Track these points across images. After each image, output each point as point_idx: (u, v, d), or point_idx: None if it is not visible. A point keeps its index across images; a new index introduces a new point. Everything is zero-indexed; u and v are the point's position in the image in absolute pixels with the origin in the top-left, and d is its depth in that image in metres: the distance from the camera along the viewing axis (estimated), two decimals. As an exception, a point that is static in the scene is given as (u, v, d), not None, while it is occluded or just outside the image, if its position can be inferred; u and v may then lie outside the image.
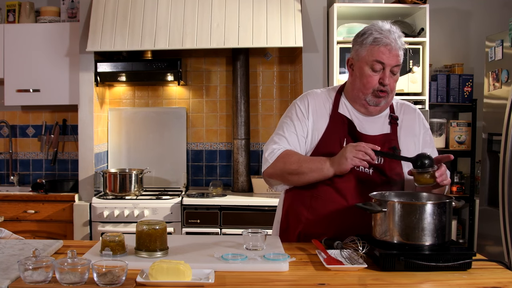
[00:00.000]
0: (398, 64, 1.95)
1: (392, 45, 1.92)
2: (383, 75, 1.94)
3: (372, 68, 1.95)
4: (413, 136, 2.07)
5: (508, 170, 3.07)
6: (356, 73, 2.00)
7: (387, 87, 1.95)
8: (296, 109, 2.07)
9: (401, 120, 2.08)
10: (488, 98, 3.46)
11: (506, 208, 3.07)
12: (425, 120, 2.16)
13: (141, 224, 1.71)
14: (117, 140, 4.20)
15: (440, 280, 1.53)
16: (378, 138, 2.01)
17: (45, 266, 1.44)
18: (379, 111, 2.04)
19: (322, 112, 2.05)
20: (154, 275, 1.46)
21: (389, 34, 1.93)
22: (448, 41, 4.18)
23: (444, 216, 1.65)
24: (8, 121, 4.28)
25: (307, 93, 2.13)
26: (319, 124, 2.03)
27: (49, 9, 4.01)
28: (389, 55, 1.92)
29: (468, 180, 3.92)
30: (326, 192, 1.97)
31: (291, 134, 2.04)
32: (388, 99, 2.00)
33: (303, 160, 1.96)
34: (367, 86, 1.96)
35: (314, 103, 2.07)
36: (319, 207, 1.99)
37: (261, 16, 3.60)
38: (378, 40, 1.93)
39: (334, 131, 2.01)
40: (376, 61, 1.93)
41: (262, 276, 1.56)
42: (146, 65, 3.80)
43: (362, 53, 1.97)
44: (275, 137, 2.07)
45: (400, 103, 2.15)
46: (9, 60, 3.89)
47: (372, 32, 1.96)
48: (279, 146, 2.02)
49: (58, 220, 3.69)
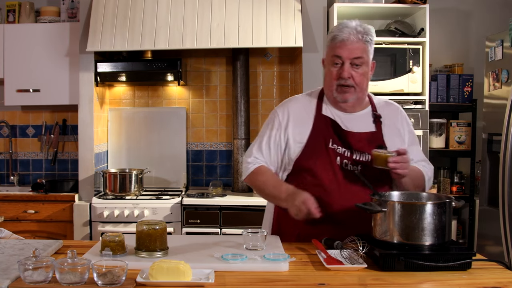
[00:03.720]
0: (357, 57, 1.98)
1: (349, 39, 1.97)
2: (342, 68, 1.98)
3: (333, 64, 2.00)
4: (398, 134, 2.10)
5: (508, 170, 3.07)
6: (325, 72, 2.08)
7: (350, 81, 1.98)
8: (275, 118, 2.12)
9: (384, 118, 2.10)
10: (488, 98, 3.46)
11: (506, 208, 3.07)
12: (408, 118, 2.18)
13: (141, 224, 1.71)
14: (117, 140, 4.20)
15: (440, 280, 1.53)
16: (364, 135, 2.04)
17: (45, 266, 1.44)
18: (352, 107, 2.06)
19: (304, 117, 2.08)
20: (154, 275, 1.46)
21: (347, 29, 1.99)
22: (448, 41, 4.18)
23: (444, 216, 1.65)
24: (8, 121, 4.28)
25: (287, 100, 2.18)
26: (302, 129, 2.06)
27: (49, 9, 4.01)
28: (345, 48, 1.97)
29: (468, 180, 3.92)
30: (315, 193, 1.97)
31: (268, 145, 2.10)
32: (358, 94, 2.03)
33: (267, 184, 2.04)
34: (330, 82, 2.02)
35: (294, 109, 2.11)
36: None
37: (261, 16, 3.60)
38: (335, 37, 2.00)
39: (319, 133, 2.04)
40: (334, 55, 2.00)
41: (262, 276, 1.56)
42: (146, 65, 3.80)
43: (326, 52, 2.07)
44: (254, 148, 2.13)
45: (383, 101, 2.19)
46: (9, 60, 3.89)
47: (333, 31, 2.03)
48: (255, 161, 2.10)
49: (58, 220, 3.69)
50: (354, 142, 2.01)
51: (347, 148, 2.01)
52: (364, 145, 2.01)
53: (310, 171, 2.02)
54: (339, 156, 2.01)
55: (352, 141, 2.01)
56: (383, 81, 3.54)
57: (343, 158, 2.01)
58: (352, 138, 2.01)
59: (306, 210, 1.86)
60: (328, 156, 2.00)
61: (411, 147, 2.10)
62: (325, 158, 2.00)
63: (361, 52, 1.98)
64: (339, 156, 2.01)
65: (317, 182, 1.99)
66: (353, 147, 2.01)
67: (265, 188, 2.06)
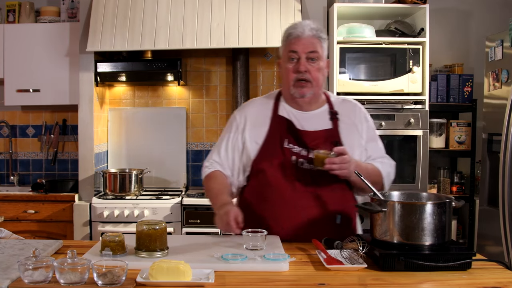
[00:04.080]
0: (312, 51, 2.01)
1: (303, 34, 2.02)
2: (298, 63, 2.02)
3: (289, 60, 2.04)
4: (355, 131, 2.11)
5: (508, 170, 3.07)
6: (282, 72, 2.10)
7: (307, 75, 2.02)
8: (233, 121, 2.18)
9: (341, 115, 2.12)
10: (488, 98, 3.46)
11: (506, 208, 3.07)
12: (368, 115, 2.19)
13: (141, 224, 1.71)
14: (117, 140, 4.20)
15: (440, 280, 1.53)
16: (320, 133, 2.05)
17: (45, 266, 1.44)
18: (308, 103, 2.08)
19: (261, 119, 2.12)
20: (154, 275, 1.46)
21: (301, 26, 2.04)
22: (448, 41, 4.18)
23: (444, 216, 1.65)
24: (8, 121, 4.28)
25: (245, 103, 2.24)
26: (258, 131, 2.10)
27: (49, 9, 4.01)
28: (300, 43, 2.02)
29: (468, 180, 3.92)
30: (276, 194, 2.01)
31: (226, 149, 2.15)
32: (314, 90, 2.05)
33: (212, 191, 2.09)
34: (288, 78, 2.05)
35: (251, 112, 2.16)
36: (268, 207, 2.03)
37: (261, 16, 3.60)
38: (290, 34, 2.05)
39: (275, 133, 2.07)
40: (290, 51, 2.03)
41: (262, 276, 1.56)
42: (146, 65, 3.80)
43: (282, 51, 2.10)
44: (213, 152, 2.19)
45: (340, 99, 2.21)
46: (9, 60, 3.89)
47: (287, 30, 2.08)
48: (211, 165, 2.16)
49: (58, 220, 3.69)
50: (309, 140, 2.03)
51: (303, 147, 2.03)
52: (320, 143, 2.03)
53: (265, 171, 2.04)
54: (295, 155, 2.03)
55: (307, 140, 2.03)
56: (383, 81, 3.54)
57: (299, 157, 2.03)
58: (307, 137, 2.04)
59: (226, 223, 1.87)
60: (283, 156, 2.03)
61: (370, 144, 2.12)
62: (280, 158, 2.03)
63: (316, 46, 2.02)
64: (294, 155, 2.03)
65: (271, 182, 2.02)
66: (309, 146, 2.03)
67: (209, 194, 2.12)
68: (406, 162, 3.64)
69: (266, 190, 2.03)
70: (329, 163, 1.86)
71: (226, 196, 2.03)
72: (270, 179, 2.03)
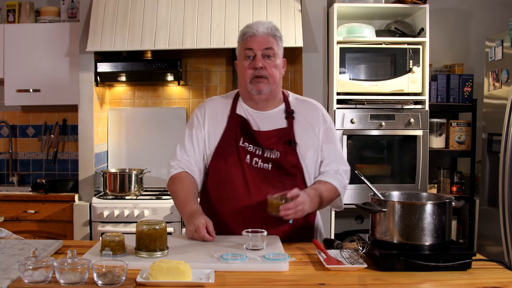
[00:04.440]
0: (268, 47, 2.03)
1: (258, 32, 2.03)
2: (254, 60, 2.03)
3: (245, 58, 2.05)
4: (311, 130, 2.11)
5: (508, 170, 3.07)
6: (239, 71, 2.11)
7: (264, 71, 2.03)
8: (194, 118, 2.20)
9: (298, 114, 2.12)
10: (488, 98, 3.46)
11: (506, 208, 3.07)
12: (328, 116, 2.19)
13: (141, 224, 1.71)
14: (117, 140, 4.20)
15: (440, 280, 1.53)
16: (274, 133, 2.07)
17: (45, 266, 1.44)
18: (265, 101, 2.09)
19: (219, 117, 2.14)
20: (154, 275, 1.46)
21: (256, 25, 2.05)
22: (448, 41, 4.18)
23: (444, 216, 1.65)
24: (8, 121, 4.28)
25: (205, 101, 2.25)
26: (216, 128, 2.12)
27: (49, 9, 4.01)
28: (255, 41, 2.03)
29: (468, 180, 3.92)
30: (230, 193, 2.04)
31: (191, 143, 2.15)
32: (271, 86, 2.06)
33: (177, 196, 2.08)
34: (245, 75, 2.06)
35: (210, 109, 2.17)
36: (224, 205, 2.05)
37: (261, 16, 3.60)
38: (246, 32, 2.06)
39: (231, 132, 2.09)
40: (246, 49, 2.04)
41: (262, 276, 1.56)
42: (146, 65, 3.80)
43: (238, 50, 2.11)
44: (178, 148, 2.20)
45: (299, 99, 2.21)
46: (9, 60, 3.89)
47: (242, 29, 2.09)
48: (177, 164, 2.15)
49: (58, 220, 3.69)
50: (263, 140, 2.05)
51: (258, 146, 2.05)
52: (274, 142, 2.04)
53: (221, 169, 2.07)
54: (249, 154, 2.05)
55: (261, 140, 2.05)
56: (383, 81, 3.54)
57: (253, 156, 2.04)
58: (261, 136, 2.05)
59: (199, 237, 1.88)
60: (238, 155, 2.05)
61: (326, 146, 2.12)
62: (235, 157, 2.05)
63: (271, 44, 2.04)
64: (249, 154, 2.04)
65: (226, 181, 2.04)
66: (263, 145, 2.04)
67: (175, 199, 2.11)
68: (406, 162, 3.65)
69: (222, 188, 2.06)
70: (283, 210, 1.84)
71: (193, 204, 2.02)
72: (225, 177, 2.05)
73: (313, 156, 2.09)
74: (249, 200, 2.01)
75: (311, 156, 2.09)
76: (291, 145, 2.05)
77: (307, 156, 2.07)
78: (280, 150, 2.04)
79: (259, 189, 2.01)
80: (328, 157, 2.12)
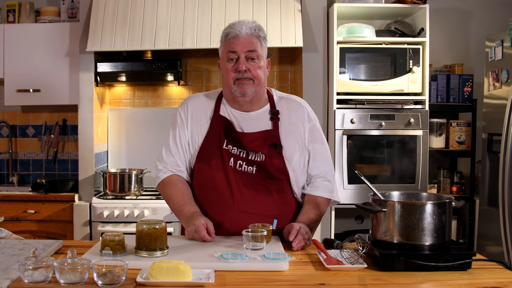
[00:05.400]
0: (251, 50, 1.98)
1: (241, 33, 1.98)
2: (238, 62, 1.98)
3: (228, 60, 2.00)
4: (296, 131, 2.07)
5: (508, 170, 3.07)
6: (222, 72, 2.06)
7: (248, 73, 1.98)
8: (178, 117, 2.14)
9: (283, 114, 2.08)
10: (488, 98, 3.46)
11: (506, 208, 3.07)
12: (313, 114, 2.15)
13: (141, 224, 1.71)
14: (117, 140, 4.20)
15: (440, 280, 1.53)
16: (258, 135, 2.02)
17: (45, 266, 1.44)
18: (250, 103, 2.04)
19: (203, 116, 2.09)
20: (154, 275, 1.46)
21: (239, 25, 2.00)
22: (448, 41, 4.18)
23: (444, 216, 1.65)
24: (8, 121, 4.28)
25: (188, 98, 2.18)
26: (200, 128, 2.08)
27: (49, 9, 4.01)
28: (238, 43, 1.98)
29: (468, 180, 3.92)
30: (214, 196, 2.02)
31: (175, 144, 2.10)
32: (256, 88, 2.01)
33: (173, 200, 2.06)
34: (228, 78, 2.01)
35: (193, 108, 2.12)
36: (209, 207, 2.03)
37: (261, 16, 3.60)
38: (228, 33, 2.00)
39: (215, 133, 2.04)
40: (229, 51, 1.99)
41: (262, 275, 1.56)
42: (146, 65, 3.80)
43: (220, 51, 2.06)
44: (163, 150, 2.13)
45: (284, 98, 2.16)
46: (9, 60, 3.89)
47: (225, 30, 2.04)
48: (165, 168, 2.10)
49: (58, 220, 3.69)
50: (248, 142, 2.01)
51: (242, 149, 2.01)
52: (259, 145, 2.01)
53: (205, 172, 2.03)
54: (233, 157, 2.01)
55: (246, 142, 2.01)
56: (383, 81, 3.54)
57: (237, 159, 2.01)
58: (245, 139, 2.01)
59: (199, 238, 1.88)
60: (221, 157, 2.01)
61: (313, 145, 2.09)
62: (218, 159, 2.01)
63: (255, 45, 1.99)
64: (232, 157, 2.01)
65: (211, 184, 2.02)
66: (247, 148, 2.00)
67: (171, 203, 2.08)
68: (406, 162, 3.64)
69: (207, 191, 2.03)
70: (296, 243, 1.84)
71: (190, 206, 2.01)
72: (209, 180, 2.02)
73: (299, 159, 2.06)
74: (233, 204, 1.99)
75: (297, 159, 2.05)
76: (277, 148, 2.01)
77: (293, 159, 2.03)
78: (265, 153, 2.00)
79: (243, 193, 1.98)
80: (314, 157, 2.09)
